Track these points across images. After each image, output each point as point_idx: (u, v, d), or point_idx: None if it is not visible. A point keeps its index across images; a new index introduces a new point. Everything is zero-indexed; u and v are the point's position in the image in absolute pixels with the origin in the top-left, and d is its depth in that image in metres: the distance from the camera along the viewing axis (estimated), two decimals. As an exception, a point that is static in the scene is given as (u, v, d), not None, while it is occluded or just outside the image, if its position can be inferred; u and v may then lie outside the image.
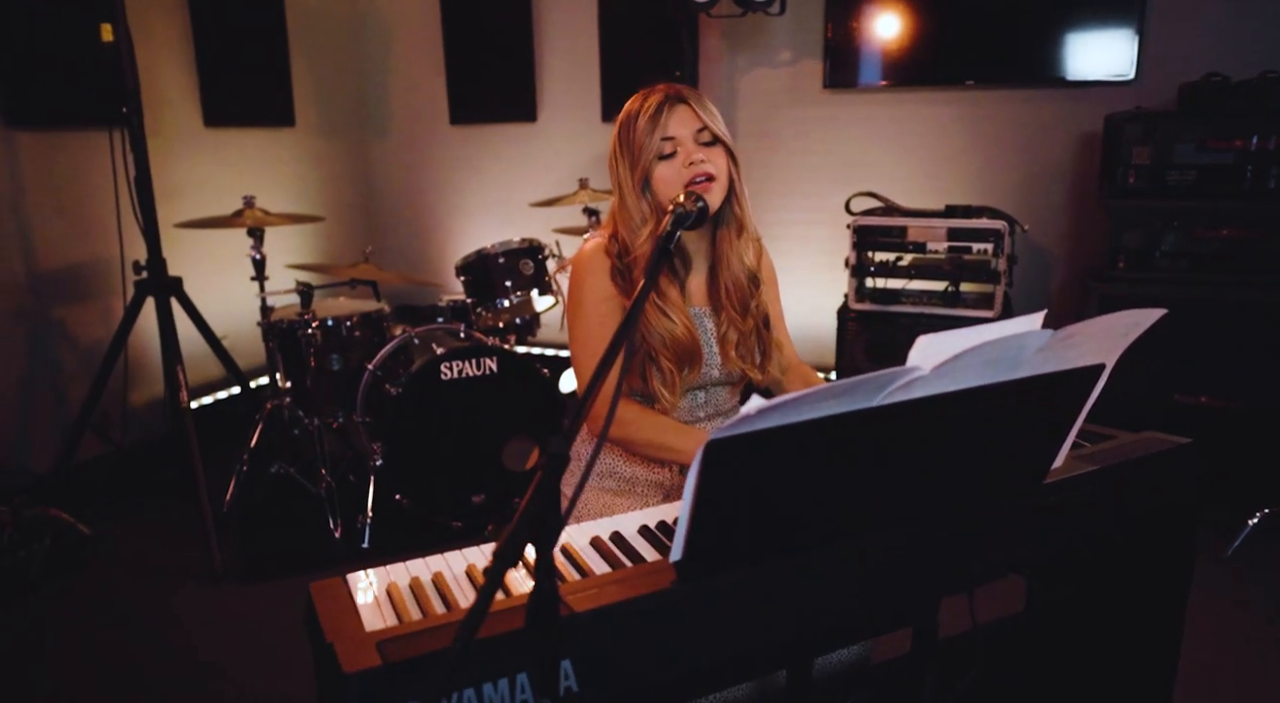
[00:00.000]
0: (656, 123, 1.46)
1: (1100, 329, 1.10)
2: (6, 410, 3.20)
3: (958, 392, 1.00)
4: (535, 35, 4.41)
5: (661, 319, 1.47)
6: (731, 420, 0.85)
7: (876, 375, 0.91)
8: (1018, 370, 1.05)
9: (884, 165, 3.81)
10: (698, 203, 1.18)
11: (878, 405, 0.95)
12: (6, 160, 3.12)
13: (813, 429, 0.91)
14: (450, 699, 0.87)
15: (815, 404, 0.90)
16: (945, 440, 1.04)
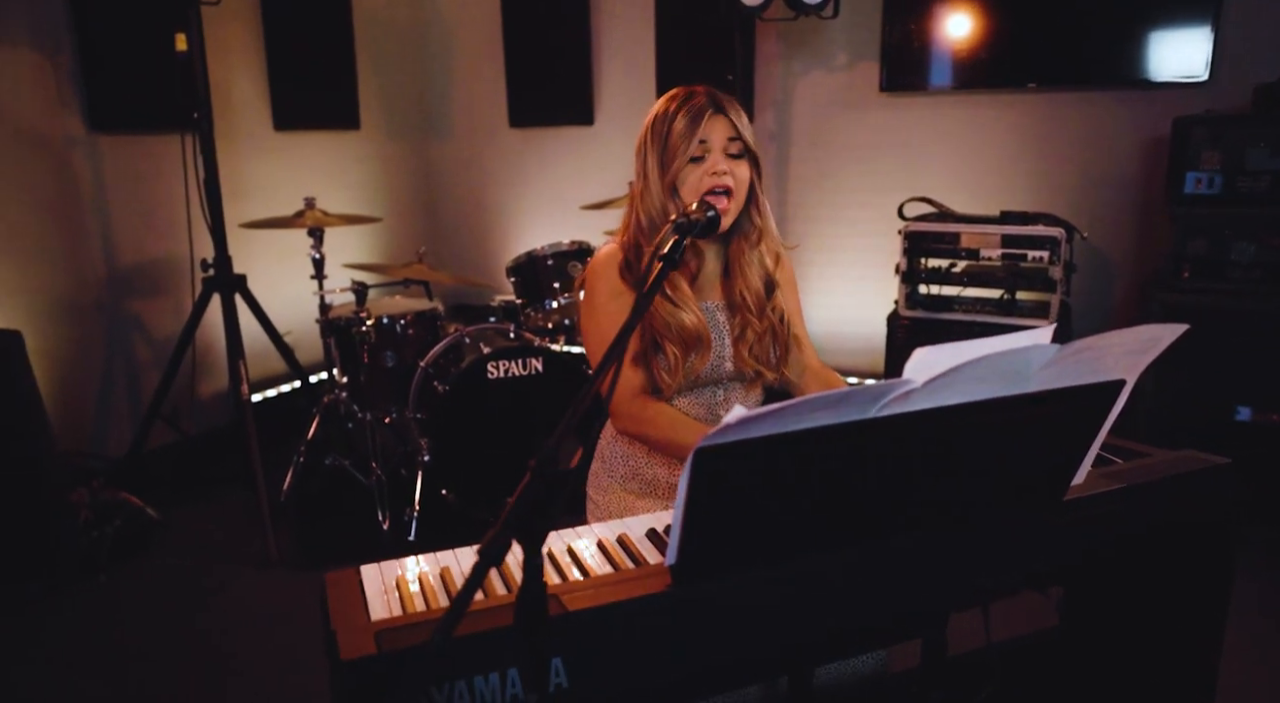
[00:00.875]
0: (696, 127, 1.48)
1: (1114, 344, 1.07)
2: (86, 399, 3.39)
3: (958, 405, 0.99)
4: (593, 39, 4.46)
5: (669, 307, 1.49)
6: (716, 428, 0.86)
7: (868, 387, 0.91)
8: (1025, 385, 1.04)
9: (941, 170, 3.74)
10: (708, 212, 1.19)
11: (872, 417, 0.95)
12: (89, 162, 3.31)
13: (804, 440, 0.92)
14: (442, 691, 0.91)
15: (806, 414, 0.90)
16: (947, 454, 1.03)
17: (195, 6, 2.92)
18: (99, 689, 2.23)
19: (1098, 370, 1.10)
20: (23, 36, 3.07)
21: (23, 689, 2.24)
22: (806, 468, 0.95)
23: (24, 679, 2.27)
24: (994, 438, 1.05)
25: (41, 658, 2.36)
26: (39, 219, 3.17)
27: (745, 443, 0.90)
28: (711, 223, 1.20)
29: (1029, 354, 1.00)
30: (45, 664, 2.33)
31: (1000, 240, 3.08)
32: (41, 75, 3.14)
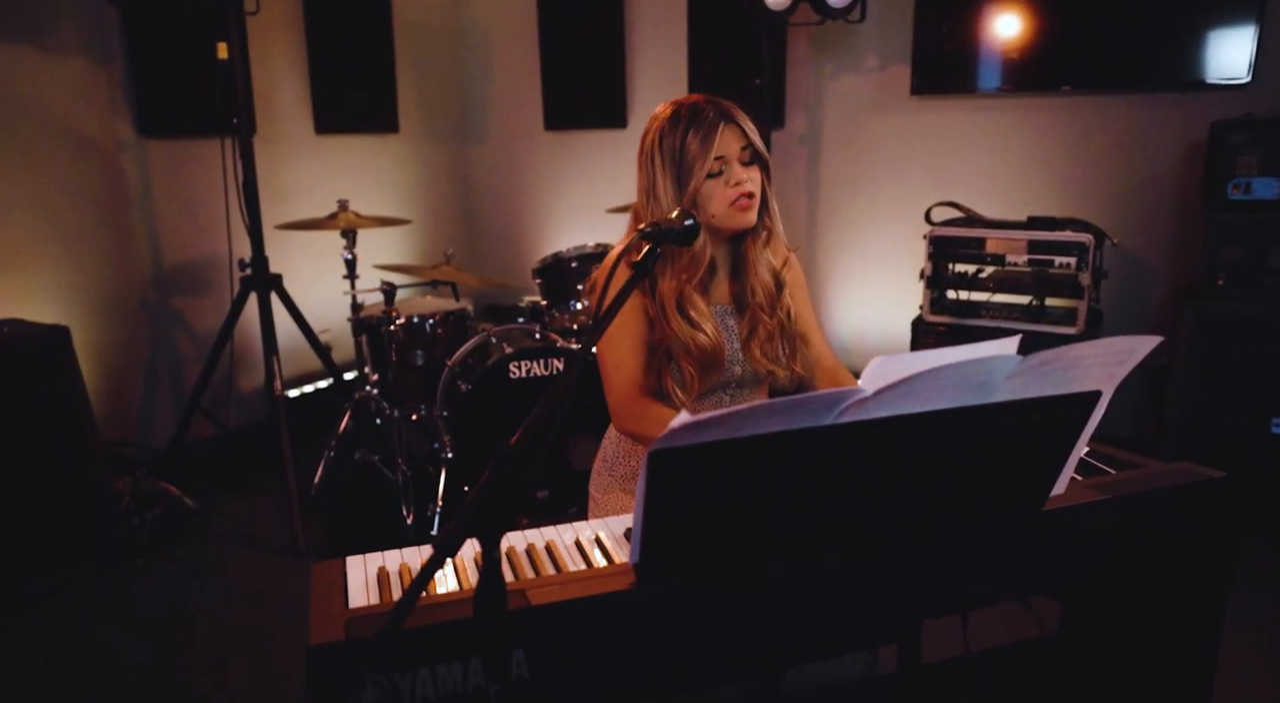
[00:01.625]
0: (710, 143, 1.49)
1: (1085, 355, 1.07)
2: (132, 391, 3.54)
3: (919, 414, 1.00)
4: (627, 43, 4.50)
5: (685, 327, 1.51)
6: (666, 431, 0.89)
7: (820, 395, 0.93)
8: (991, 395, 1.04)
9: (971, 174, 3.70)
10: (685, 221, 1.21)
11: (828, 424, 0.96)
12: (138, 166, 3.46)
13: (758, 445, 0.94)
14: (405, 678, 0.95)
15: (760, 420, 0.92)
16: (911, 463, 1.04)
17: (236, 17, 3.03)
18: (131, 668, 2.33)
19: (1070, 382, 1.10)
20: (78, 47, 3.22)
21: (59, 667, 2.35)
22: (763, 474, 0.97)
23: (62, 657, 2.39)
24: (960, 448, 1.05)
25: (79, 637, 2.48)
26: (91, 219, 3.32)
27: (700, 447, 0.93)
28: (690, 231, 1.22)
29: (991, 364, 1.00)
30: (82, 643, 2.45)
31: (1026, 246, 3.04)
32: (95, 84, 3.29)
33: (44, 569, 2.69)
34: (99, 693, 2.24)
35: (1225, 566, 1.37)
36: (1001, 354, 1.00)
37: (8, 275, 3.01)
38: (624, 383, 1.55)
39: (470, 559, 1.18)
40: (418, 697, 0.95)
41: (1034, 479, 1.17)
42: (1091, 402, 1.13)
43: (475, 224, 5.21)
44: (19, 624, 2.53)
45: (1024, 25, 3.43)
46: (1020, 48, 3.46)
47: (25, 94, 3.07)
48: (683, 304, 1.53)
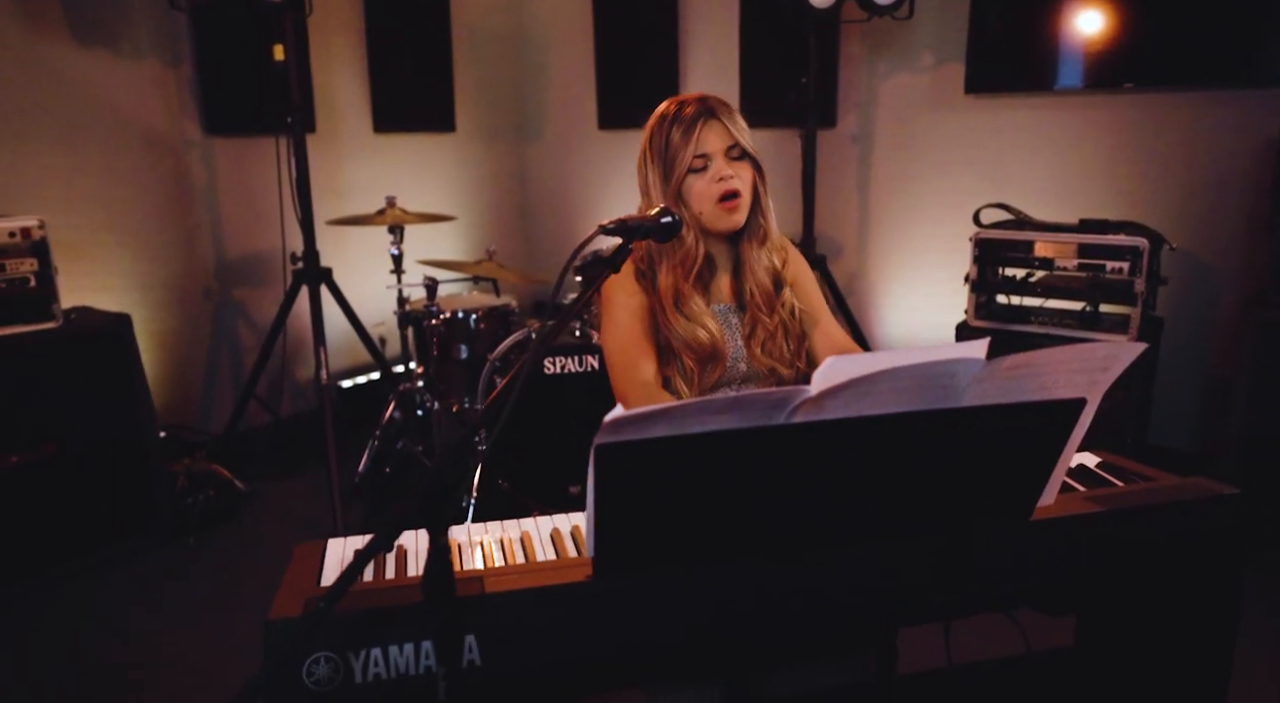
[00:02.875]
0: (690, 137, 1.51)
1: (1060, 361, 1.03)
2: (195, 378, 3.72)
3: (877, 417, 0.98)
4: (680, 43, 4.50)
5: (684, 323, 1.52)
6: (603, 425, 0.90)
7: (765, 393, 0.92)
8: (958, 400, 1.02)
9: (1027, 175, 3.58)
10: (663, 218, 1.21)
11: (779, 425, 0.96)
12: (204, 162, 3.63)
13: (706, 443, 0.94)
14: (359, 657, 0.98)
15: (703, 417, 0.92)
16: (872, 466, 1.02)
17: (295, 20, 3.15)
18: (176, 636, 2.46)
19: (1047, 389, 1.06)
20: (150, 51, 3.40)
21: (112, 633, 2.49)
22: (714, 472, 0.97)
23: (115, 624, 2.54)
24: (926, 453, 1.03)
25: (132, 607, 2.62)
26: (158, 213, 3.50)
27: (647, 443, 0.93)
28: (666, 228, 1.22)
29: (953, 367, 0.98)
30: (134, 612, 2.59)
31: (1076, 250, 2.92)
32: (165, 85, 3.46)
33: (103, 544, 2.86)
34: (149, 656, 2.37)
35: (1235, 583, 1.30)
36: (963, 357, 0.97)
37: (80, 265, 3.20)
38: (631, 379, 1.55)
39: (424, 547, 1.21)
40: (369, 676, 0.98)
41: (1015, 489, 1.13)
42: (1074, 410, 1.09)
43: (530, 222, 5.29)
44: (78, 593, 2.69)
45: (1084, 21, 3.30)
46: (1080, 44, 3.33)
47: (100, 95, 3.26)
48: (680, 301, 1.53)
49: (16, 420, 2.63)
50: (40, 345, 2.67)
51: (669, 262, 1.52)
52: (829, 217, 4.19)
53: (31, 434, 2.66)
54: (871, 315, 4.16)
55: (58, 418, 2.72)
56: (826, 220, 4.21)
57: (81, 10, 3.18)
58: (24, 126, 3.07)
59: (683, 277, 1.54)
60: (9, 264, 2.60)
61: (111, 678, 2.29)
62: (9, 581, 2.63)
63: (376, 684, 0.98)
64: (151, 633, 2.49)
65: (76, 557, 2.78)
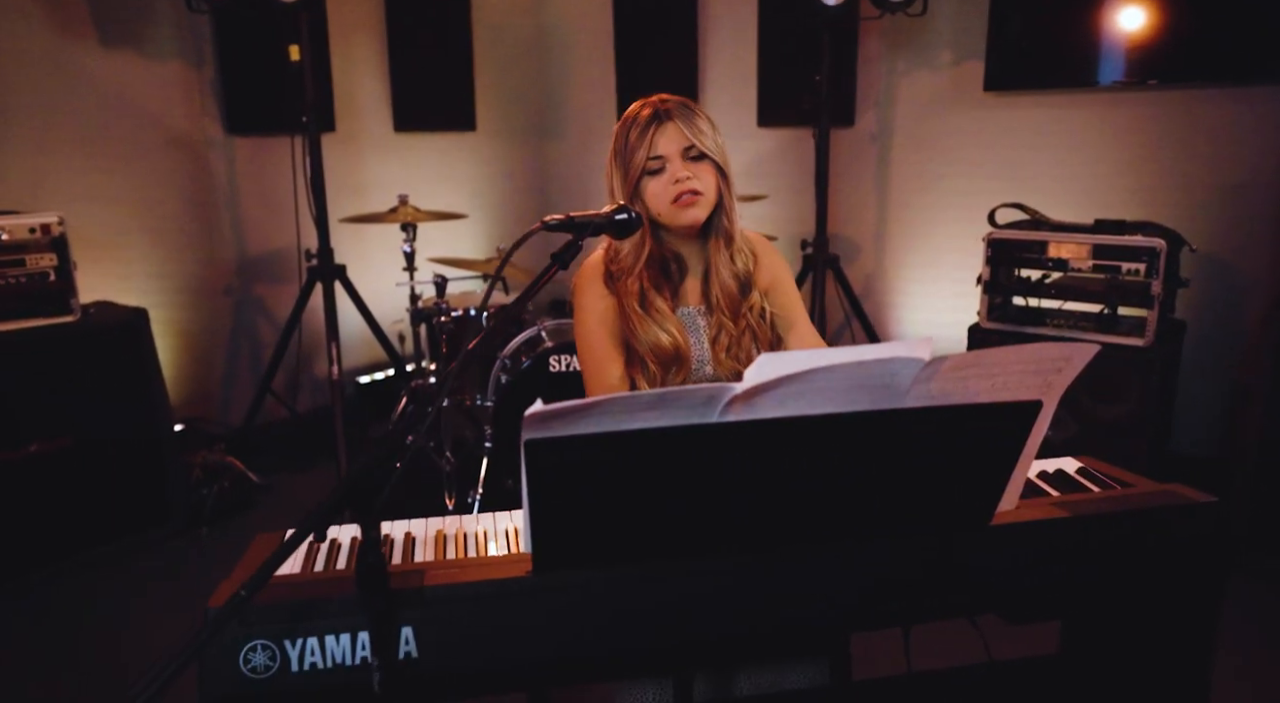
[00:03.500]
0: (645, 139, 1.50)
1: (1010, 361, 1.01)
2: (215, 372, 3.80)
3: (817, 416, 0.97)
4: (700, 43, 4.49)
5: (649, 327, 1.51)
6: (524, 420, 0.90)
7: (693, 389, 0.91)
8: (902, 400, 1.00)
9: (1047, 174, 3.50)
10: (617, 215, 1.20)
11: (714, 423, 0.95)
12: (225, 161, 3.71)
13: (638, 440, 0.93)
14: (295, 645, 0.99)
15: (631, 412, 0.92)
16: (813, 466, 1.00)
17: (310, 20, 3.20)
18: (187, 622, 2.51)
19: (998, 390, 1.04)
20: (174, 53, 3.48)
21: (125, 619, 2.56)
22: (648, 470, 0.96)
23: (128, 610, 2.60)
24: (870, 454, 1.01)
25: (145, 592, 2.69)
26: (181, 211, 3.58)
27: (576, 439, 0.93)
28: (619, 225, 1.22)
29: (891, 367, 0.96)
30: (148, 598, 2.66)
31: (1091, 251, 2.85)
32: (188, 85, 3.55)
33: (118, 533, 2.93)
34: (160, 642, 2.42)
35: (1213, 592, 1.26)
36: (901, 356, 0.95)
37: (104, 261, 3.29)
38: (598, 381, 1.55)
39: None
40: (305, 665, 0.99)
41: (971, 493, 1.10)
42: (1030, 413, 1.06)
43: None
44: (93, 581, 2.76)
45: (1108, 17, 3.22)
46: (1103, 40, 3.25)
47: (125, 96, 3.35)
48: (645, 303, 1.52)
49: (35, 411, 2.71)
50: (58, 339, 2.75)
51: (633, 263, 1.51)
52: (846, 217, 4.14)
53: (49, 425, 2.74)
54: (889, 316, 4.10)
55: (75, 409, 2.79)
56: (844, 220, 4.16)
57: (108, 13, 3.27)
58: (51, 126, 3.16)
59: (647, 279, 1.53)
60: (29, 259, 2.68)
61: (121, 665, 2.35)
62: (26, 568, 2.71)
63: (313, 674, 0.99)
64: (163, 621, 2.55)
65: (92, 545, 2.85)
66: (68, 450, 2.79)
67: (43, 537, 2.74)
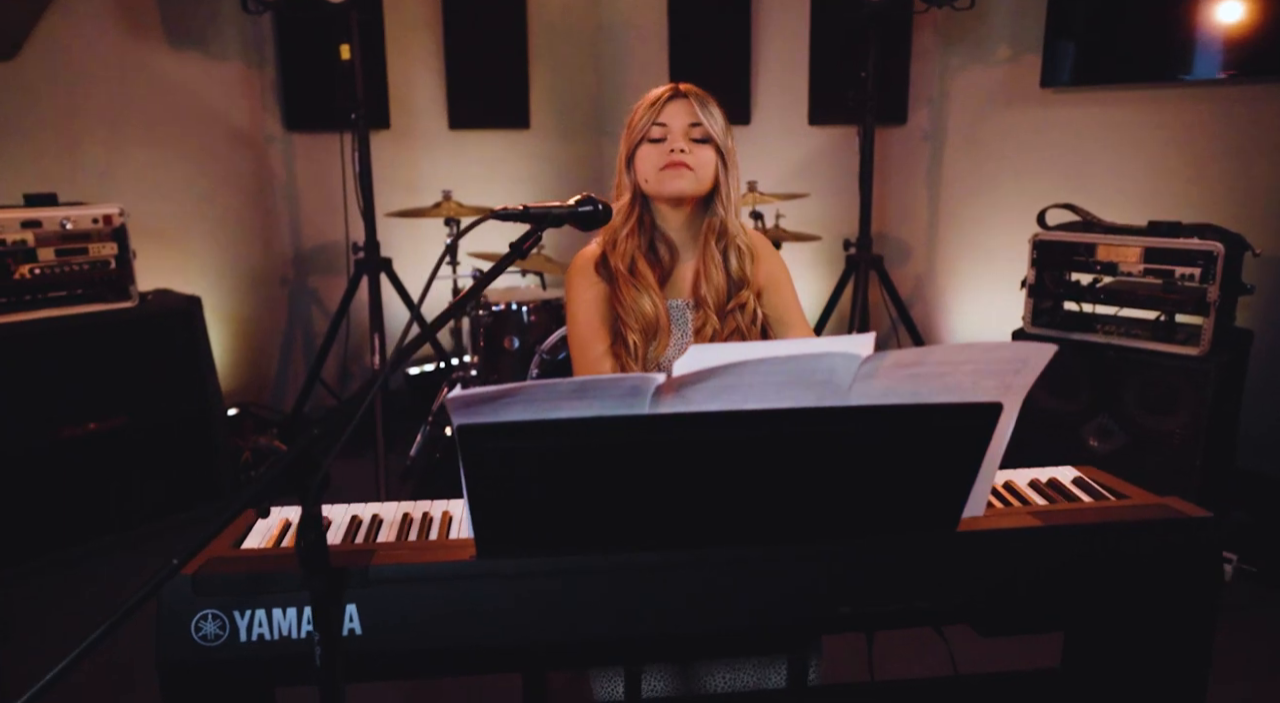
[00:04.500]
0: (656, 110, 1.54)
1: (963, 361, 0.97)
2: (270, 360, 3.96)
3: (747, 412, 0.95)
4: (753, 40, 4.45)
5: (633, 292, 1.52)
6: (448, 404, 0.91)
7: (618, 378, 0.91)
8: (845, 398, 0.97)
9: (1104, 175, 3.35)
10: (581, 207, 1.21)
11: (644, 414, 0.94)
12: (284, 157, 3.86)
13: (568, 429, 0.94)
14: (244, 616, 1.03)
15: (552, 399, 0.92)
16: (751, 463, 0.99)
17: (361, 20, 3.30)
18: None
19: (951, 390, 1.00)
20: (237, 53, 3.64)
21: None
22: (577, 459, 0.96)
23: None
24: (815, 453, 0.99)
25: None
26: (240, 204, 3.74)
27: (506, 425, 0.94)
28: (587, 216, 1.22)
29: (828, 362, 0.94)
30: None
31: (1142, 254, 2.71)
32: (249, 84, 3.70)
33: (168, 511, 3.08)
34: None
35: (1206, 613, 1.19)
36: (837, 352, 0.93)
37: (167, 250, 3.46)
38: (583, 361, 1.56)
39: (347, 520, 1.25)
40: (254, 635, 1.03)
41: (929, 496, 1.07)
42: (988, 415, 1.02)
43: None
44: (144, 554, 2.91)
45: (1171, 7, 3.06)
46: (1167, 32, 3.09)
47: (190, 94, 3.52)
48: (635, 270, 1.53)
49: (95, 391, 2.87)
50: (117, 323, 2.90)
51: (621, 224, 1.53)
52: (897, 217, 4.05)
53: (108, 405, 2.90)
54: (939, 320, 3.99)
55: (132, 391, 2.95)
56: (894, 221, 4.07)
57: (177, 16, 3.44)
58: (121, 122, 3.35)
59: (638, 247, 1.54)
60: (91, 248, 2.84)
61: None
62: (78, 540, 2.87)
63: (260, 644, 1.03)
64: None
65: (143, 521, 3.01)
66: (124, 429, 2.95)
67: (96, 511, 2.90)
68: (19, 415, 2.72)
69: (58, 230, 2.77)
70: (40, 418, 2.76)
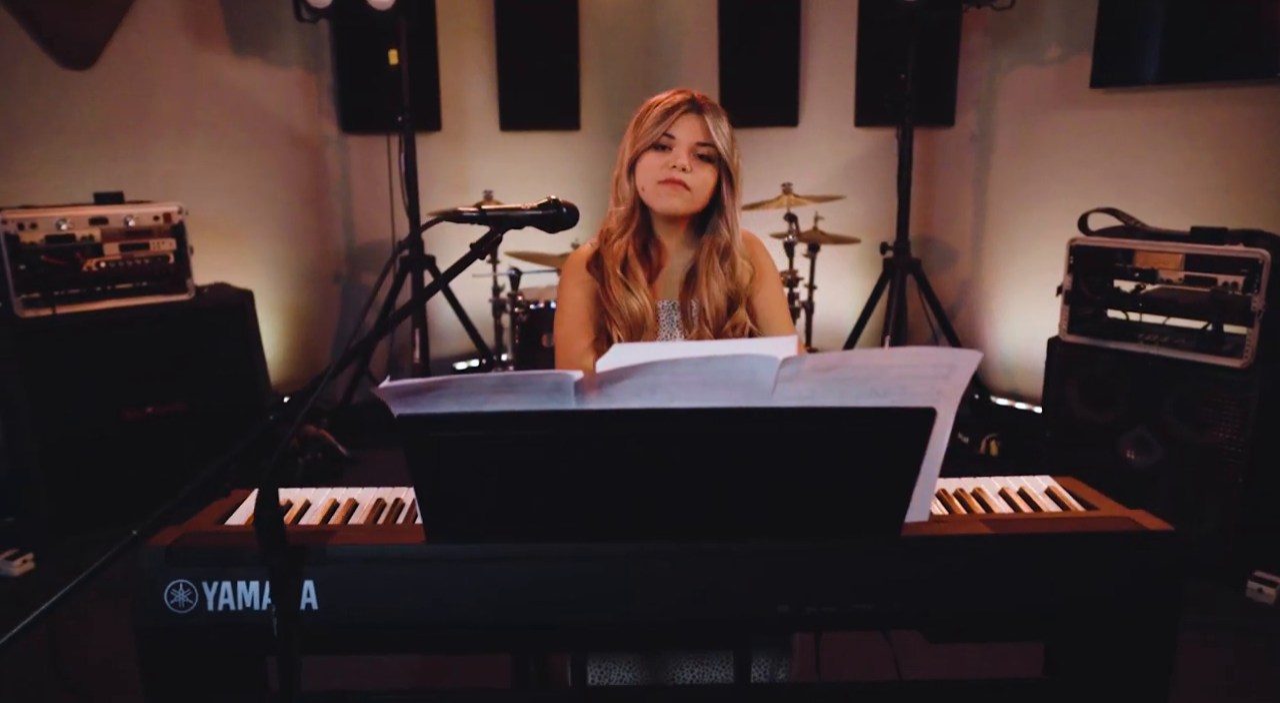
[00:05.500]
0: (666, 120, 1.52)
1: (890, 365, 0.98)
2: (322, 352, 4.14)
3: (669, 410, 0.98)
4: (801, 41, 4.43)
5: (622, 290, 1.55)
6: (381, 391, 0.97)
7: (539, 374, 0.95)
8: (769, 399, 1.00)
9: (1156, 178, 3.23)
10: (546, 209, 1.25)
11: (571, 410, 0.98)
12: (339, 158, 4.03)
13: (494, 421, 0.99)
14: (211, 586, 1.12)
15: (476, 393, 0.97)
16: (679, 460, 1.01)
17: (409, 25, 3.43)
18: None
19: (879, 394, 1.02)
20: (296, 59, 3.82)
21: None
22: (507, 450, 1.01)
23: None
24: (739, 451, 1.01)
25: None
26: (297, 203, 3.93)
27: (443, 417, 0.99)
28: (552, 219, 1.26)
29: (748, 363, 0.97)
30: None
31: (1182, 261, 2.61)
32: (307, 88, 3.88)
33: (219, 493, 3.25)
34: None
35: (1166, 627, 1.17)
36: (754, 354, 0.95)
37: (227, 247, 3.66)
38: (567, 355, 1.61)
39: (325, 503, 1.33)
40: (220, 605, 1.11)
41: (865, 499, 1.08)
42: (921, 420, 1.03)
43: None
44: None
45: (1228, 5, 2.93)
46: (1226, 27, 2.96)
47: (251, 98, 3.71)
48: (627, 270, 1.55)
49: (153, 378, 3.06)
50: (174, 314, 3.09)
51: (621, 229, 1.55)
52: (943, 220, 3.98)
53: (165, 391, 3.09)
54: (983, 325, 3.91)
55: (188, 378, 3.13)
56: (941, 225, 4.00)
57: (240, 25, 3.63)
58: (186, 125, 3.55)
59: (633, 248, 1.56)
60: (152, 243, 3.03)
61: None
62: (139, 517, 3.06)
63: (226, 614, 1.11)
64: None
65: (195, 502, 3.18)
66: (180, 414, 3.13)
67: (154, 491, 3.09)
68: (85, 397, 2.92)
69: (122, 227, 2.97)
70: (105, 400, 2.96)
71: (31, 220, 2.82)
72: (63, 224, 2.87)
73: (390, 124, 3.79)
